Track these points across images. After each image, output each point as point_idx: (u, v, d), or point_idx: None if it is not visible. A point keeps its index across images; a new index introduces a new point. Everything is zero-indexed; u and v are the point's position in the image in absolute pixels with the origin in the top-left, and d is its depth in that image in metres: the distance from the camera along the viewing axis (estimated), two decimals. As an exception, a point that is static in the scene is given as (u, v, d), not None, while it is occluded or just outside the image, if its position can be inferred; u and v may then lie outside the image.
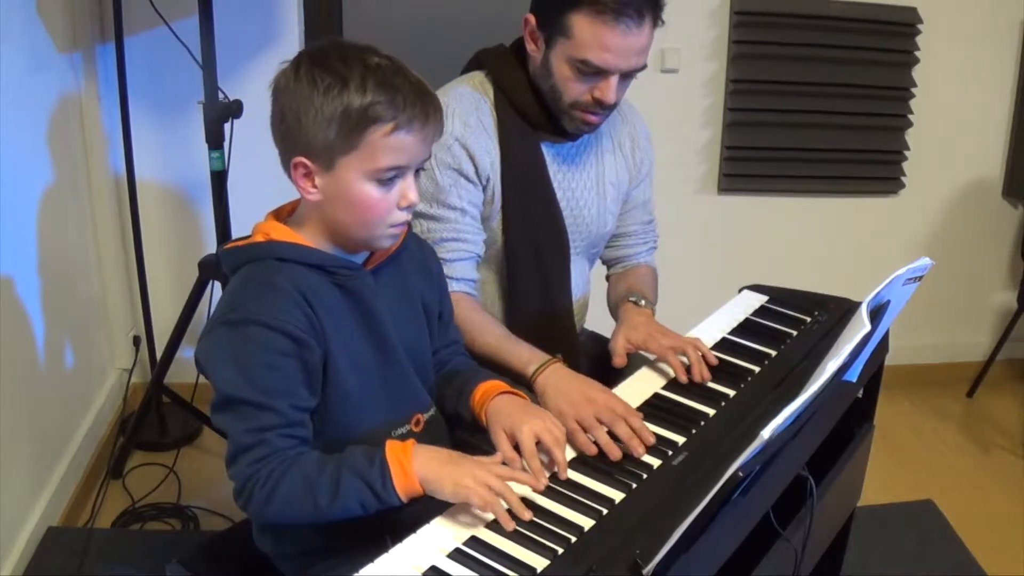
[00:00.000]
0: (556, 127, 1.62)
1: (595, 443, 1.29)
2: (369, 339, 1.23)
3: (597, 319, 1.93)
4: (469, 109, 1.59)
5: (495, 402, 1.29)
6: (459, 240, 1.57)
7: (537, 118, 1.62)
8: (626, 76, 1.55)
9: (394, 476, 1.11)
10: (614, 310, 1.74)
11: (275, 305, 1.14)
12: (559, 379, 1.41)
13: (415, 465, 1.12)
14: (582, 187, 1.71)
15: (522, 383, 1.45)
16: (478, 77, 1.66)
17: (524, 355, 1.48)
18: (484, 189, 1.61)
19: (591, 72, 1.51)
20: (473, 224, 1.60)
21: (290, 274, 1.17)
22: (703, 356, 1.48)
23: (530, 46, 1.58)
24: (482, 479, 1.11)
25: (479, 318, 1.56)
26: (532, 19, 1.56)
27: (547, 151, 1.66)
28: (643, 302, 1.65)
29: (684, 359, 1.48)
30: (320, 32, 2.61)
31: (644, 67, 1.55)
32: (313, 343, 1.16)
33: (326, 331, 1.17)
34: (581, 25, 1.47)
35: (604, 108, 1.56)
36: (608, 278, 1.89)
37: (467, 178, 1.58)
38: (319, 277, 1.19)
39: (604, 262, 1.90)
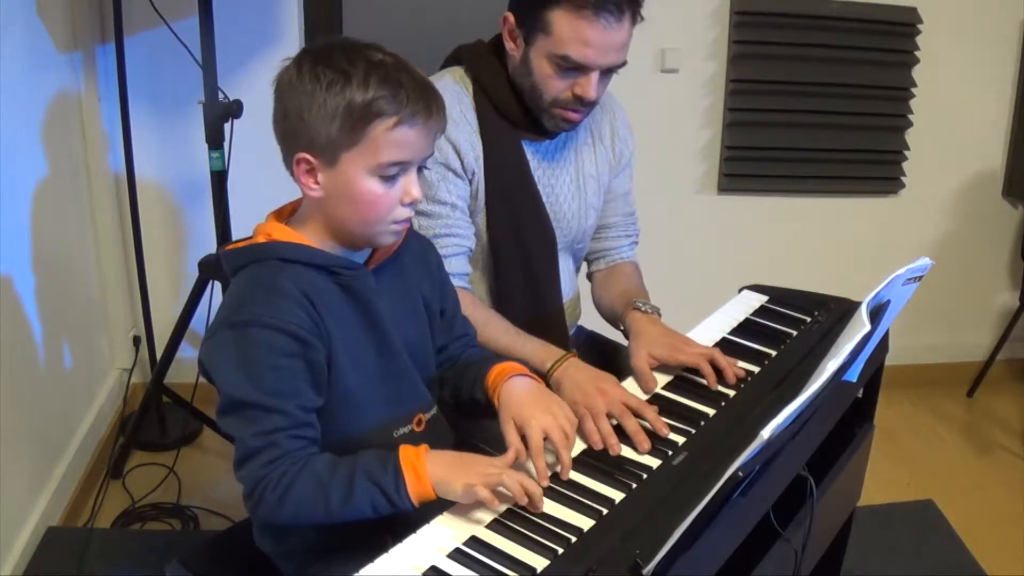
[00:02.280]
0: (535, 126, 1.62)
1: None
2: (371, 339, 1.23)
3: (596, 318, 1.93)
4: (452, 103, 1.58)
5: (508, 384, 1.28)
6: (452, 235, 1.58)
7: (517, 117, 1.61)
8: (606, 72, 1.55)
9: (408, 482, 1.11)
10: (612, 315, 1.73)
11: (279, 306, 1.14)
12: (575, 371, 1.43)
13: (429, 470, 1.12)
14: (562, 183, 1.70)
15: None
16: (458, 72, 1.66)
17: (539, 351, 1.49)
18: (470, 183, 1.61)
19: (571, 68, 1.51)
20: (463, 218, 1.60)
21: (292, 275, 1.16)
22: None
23: (509, 44, 1.58)
24: (492, 476, 1.12)
25: (483, 314, 1.56)
26: (511, 17, 1.56)
27: (527, 149, 1.66)
28: (648, 307, 1.62)
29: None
30: (320, 32, 2.61)
31: (624, 63, 1.55)
32: (317, 343, 1.16)
33: (329, 331, 1.17)
34: (561, 21, 1.48)
35: (585, 105, 1.56)
36: (591, 276, 1.87)
37: (454, 172, 1.59)
38: (321, 277, 1.19)
39: (586, 260, 1.88)
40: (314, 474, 1.11)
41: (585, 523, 1.12)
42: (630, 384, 1.45)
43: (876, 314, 1.20)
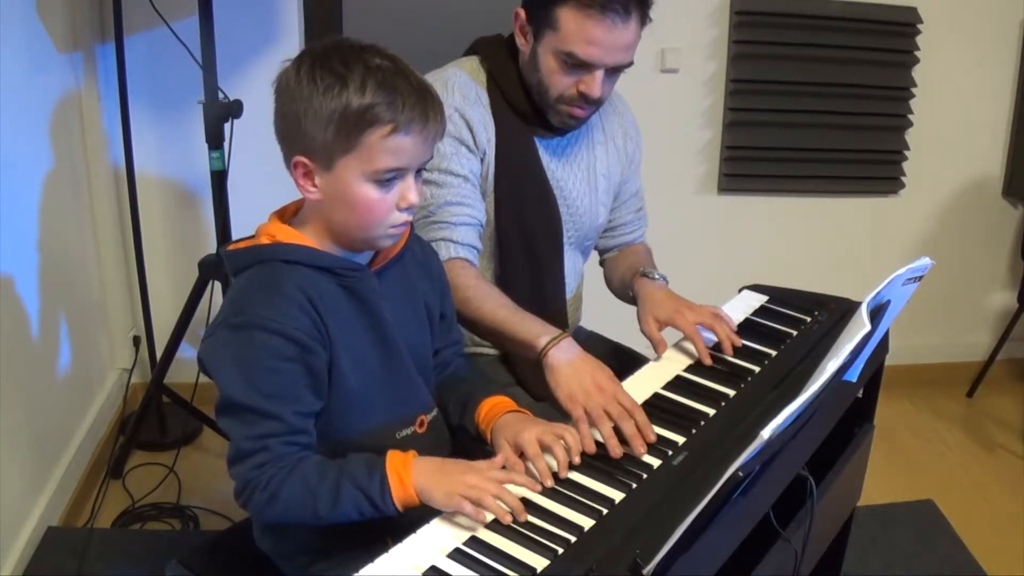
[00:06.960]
0: (546, 122, 1.64)
1: (596, 442, 1.29)
2: (373, 341, 1.23)
3: (595, 318, 1.94)
4: (467, 84, 1.61)
5: (500, 420, 1.28)
6: (463, 204, 1.56)
7: (527, 113, 1.63)
8: (612, 72, 1.56)
9: (393, 490, 1.12)
10: (622, 288, 1.77)
11: (280, 309, 1.13)
12: (572, 357, 1.41)
13: (413, 477, 1.13)
14: (574, 179, 1.72)
15: (530, 356, 1.45)
16: (474, 61, 1.67)
17: (535, 328, 1.47)
18: (481, 161, 1.62)
19: (577, 65, 1.53)
20: (475, 192, 1.60)
21: (295, 277, 1.16)
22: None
23: (519, 40, 1.60)
24: (475, 484, 1.11)
25: (485, 287, 1.54)
26: (522, 13, 1.58)
27: (539, 145, 1.67)
28: (656, 275, 1.68)
29: (710, 335, 1.55)
30: (320, 32, 2.61)
31: (631, 64, 1.56)
32: (318, 347, 1.16)
33: (331, 335, 1.17)
34: (567, 18, 1.50)
35: (589, 103, 1.58)
36: (603, 263, 1.91)
37: (467, 147, 1.59)
38: (324, 279, 1.19)
39: (599, 251, 1.92)
40: (302, 478, 1.12)
41: (585, 523, 1.12)
42: (629, 385, 1.45)
43: (876, 314, 1.20)
